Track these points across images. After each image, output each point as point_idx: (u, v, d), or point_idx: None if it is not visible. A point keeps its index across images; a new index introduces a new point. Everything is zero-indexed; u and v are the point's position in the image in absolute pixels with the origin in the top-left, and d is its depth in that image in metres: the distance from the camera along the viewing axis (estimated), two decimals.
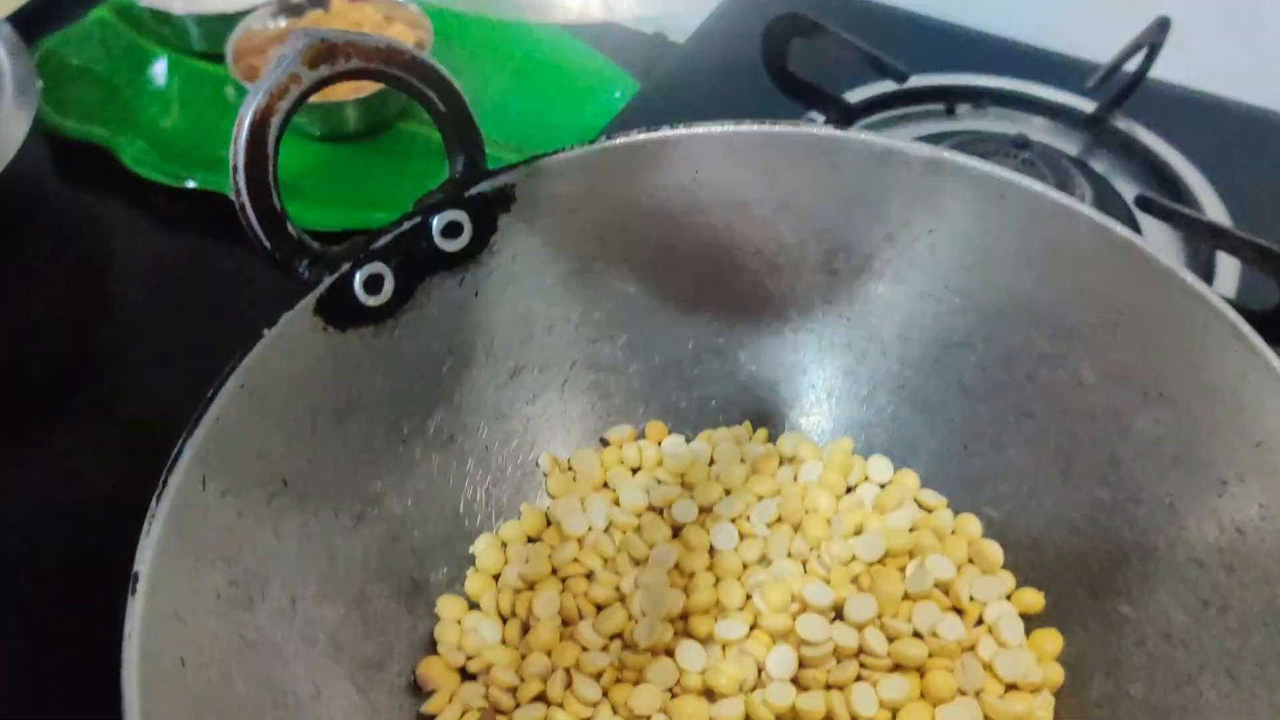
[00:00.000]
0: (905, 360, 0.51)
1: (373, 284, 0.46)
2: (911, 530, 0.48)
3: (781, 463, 0.51)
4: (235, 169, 0.43)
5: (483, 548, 0.49)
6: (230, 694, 0.39)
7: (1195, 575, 0.42)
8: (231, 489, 0.42)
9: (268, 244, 0.45)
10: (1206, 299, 0.43)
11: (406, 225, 0.46)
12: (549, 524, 0.50)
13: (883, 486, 0.50)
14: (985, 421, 0.49)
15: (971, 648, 0.45)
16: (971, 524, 0.49)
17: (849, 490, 0.51)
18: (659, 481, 0.51)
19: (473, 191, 0.47)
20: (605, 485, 0.51)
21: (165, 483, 0.39)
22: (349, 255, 0.45)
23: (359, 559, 0.46)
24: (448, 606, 0.47)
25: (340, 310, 0.45)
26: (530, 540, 0.50)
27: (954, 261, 0.49)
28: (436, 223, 0.47)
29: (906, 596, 0.46)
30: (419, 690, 0.45)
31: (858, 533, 0.48)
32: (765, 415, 0.53)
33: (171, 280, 0.68)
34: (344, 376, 0.46)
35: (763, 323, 0.52)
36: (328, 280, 0.44)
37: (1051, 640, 0.45)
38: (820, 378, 0.52)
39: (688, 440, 0.52)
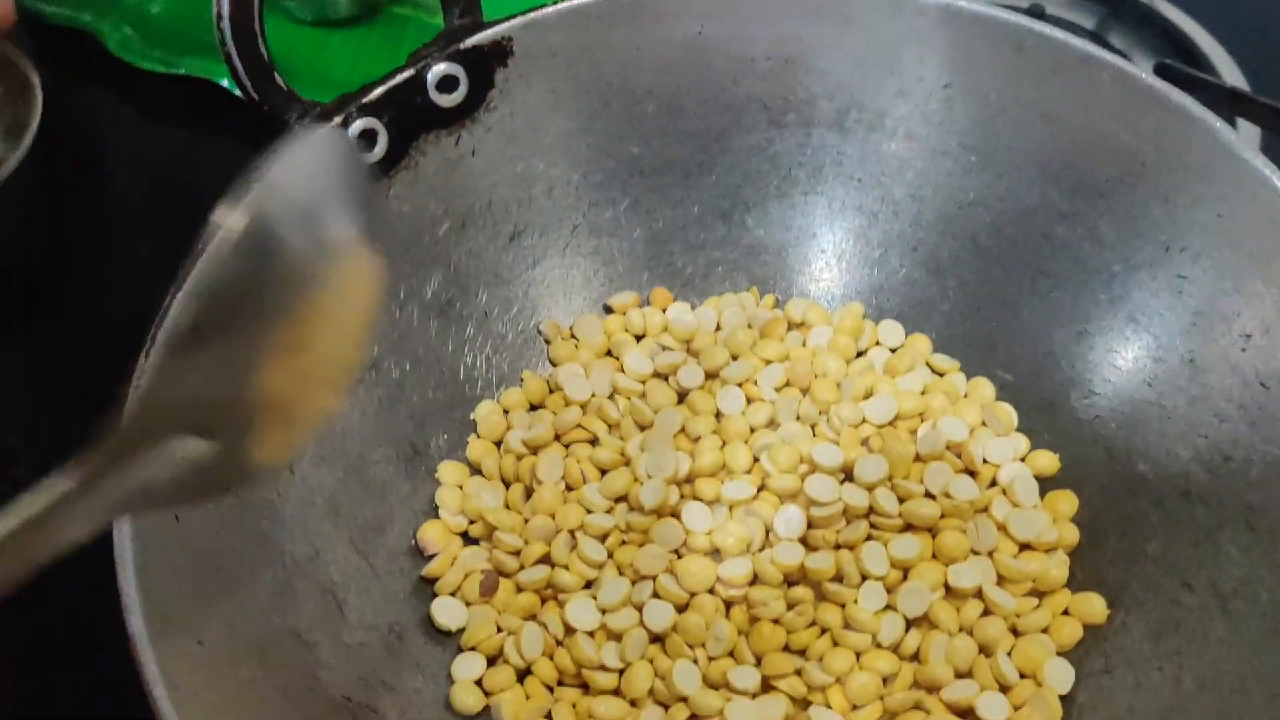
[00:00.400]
0: (918, 221, 0.49)
1: (365, 140, 0.44)
2: (923, 393, 0.47)
3: (790, 328, 0.50)
4: (219, 15, 0.42)
5: (484, 413, 0.48)
6: (227, 552, 0.38)
7: (1216, 431, 0.41)
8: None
9: (256, 95, 0.43)
10: (1234, 148, 0.41)
11: (399, 78, 0.44)
12: (551, 391, 0.49)
13: (894, 351, 0.49)
14: (1000, 282, 0.48)
15: (985, 509, 0.44)
16: (985, 387, 0.48)
17: (859, 355, 0.49)
18: (664, 348, 0.49)
19: (468, 44, 0.45)
20: (609, 353, 0.50)
21: (154, 336, 0.38)
22: (340, 109, 0.44)
23: (355, 423, 0.45)
24: (449, 471, 0.46)
25: None
26: (533, 407, 0.49)
27: (969, 117, 0.47)
28: (431, 77, 0.45)
29: (918, 458, 0.45)
30: (420, 554, 0.45)
31: (868, 397, 0.47)
32: (773, 281, 0.52)
33: (162, 173, 0.66)
34: None
35: (770, 185, 0.51)
36: None
37: (1067, 501, 0.44)
38: (830, 241, 0.51)
39: (693, 307, 0.51)
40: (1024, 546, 0.43)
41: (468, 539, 0.45)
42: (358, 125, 0.43)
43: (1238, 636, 0.37)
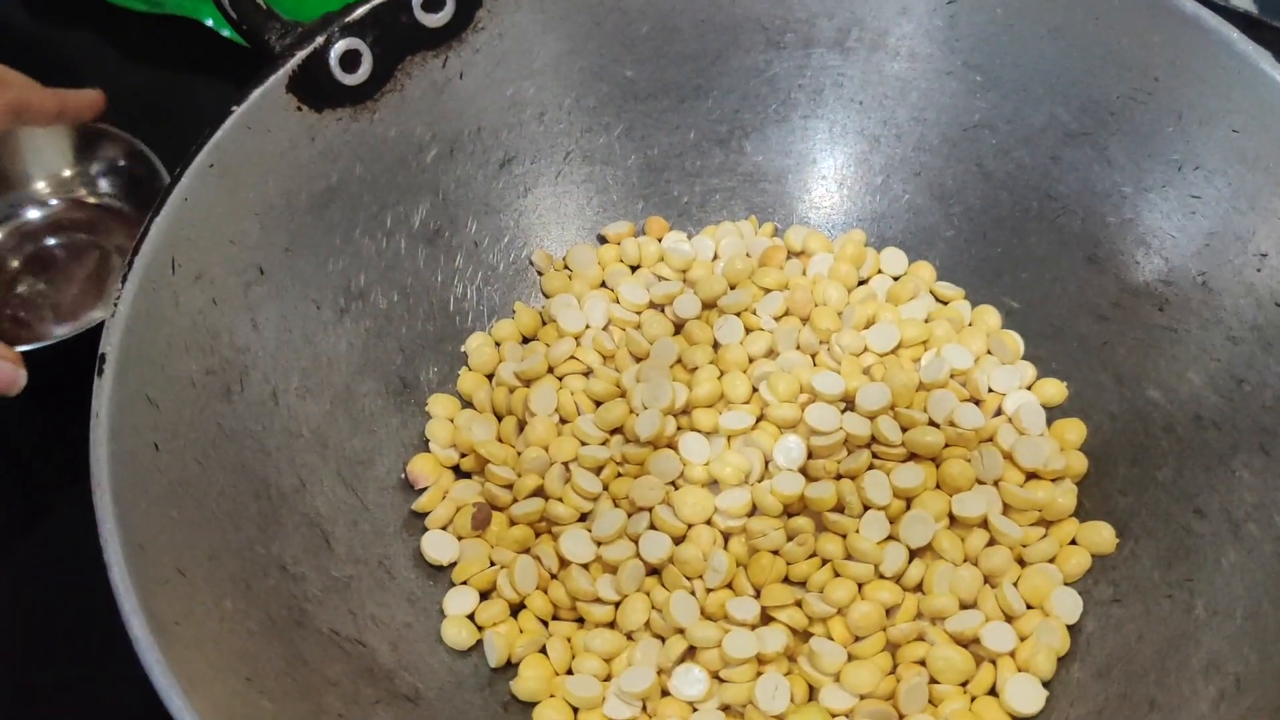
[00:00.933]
0: (921, 145, 0.48)
1: (349, 61, 0.42)
2: (927, 321, 0.46)
3: (789, 256, 0.48)
4: None
5: (475, 345, 0.47)
6: (208, 481, 0.37)
7: (1229, 355, 0.40)
8: (204, 274, 0.39)
9: (233, 11, 0.42)
10: (1251, 59, 0.40)
11: None
12: (544, 323, 0.48)
13: (896, 279, 0.48)
14: (1006, 207, 0.46)
15: (990, 438, 0.43)
16: (990, 315, 0.46)
17: (861, 283, 0.48)
18: (659, 278, 0.48)
19: None
20: (603, 284, 0.48)
21: (131, 264, 0.37)
22: (323, 29, 0.42)
23: (343, 354, 0.44)
24: (439, 404, 0.45)
25: (315, 88, 0.42)
26: (525, 340, 0.47)
27: (975, 34, 0.45)
28: None
29: (921, 386, 0.44)
30: (410, 488, 0.43)
31: (869, 325, 0.46)
32: (772, 209, 0.50)
33: (147, 115, 0.64)
34: (321, 161, 0.43)
35: (769, 109, 0.49)
36: (300, 55, 0.41)
37: (1075, 429, 0.43)
38: (830, 167, 0.49)
39: (689, 236, 0.49)
40: (1030, 475, 0.42)
41: (459, 473, 0.44)
42: (340, 46, 0.42)
43: (1251, 561, 0.36)
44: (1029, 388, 0.45)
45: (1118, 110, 0.43)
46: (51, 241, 0.54)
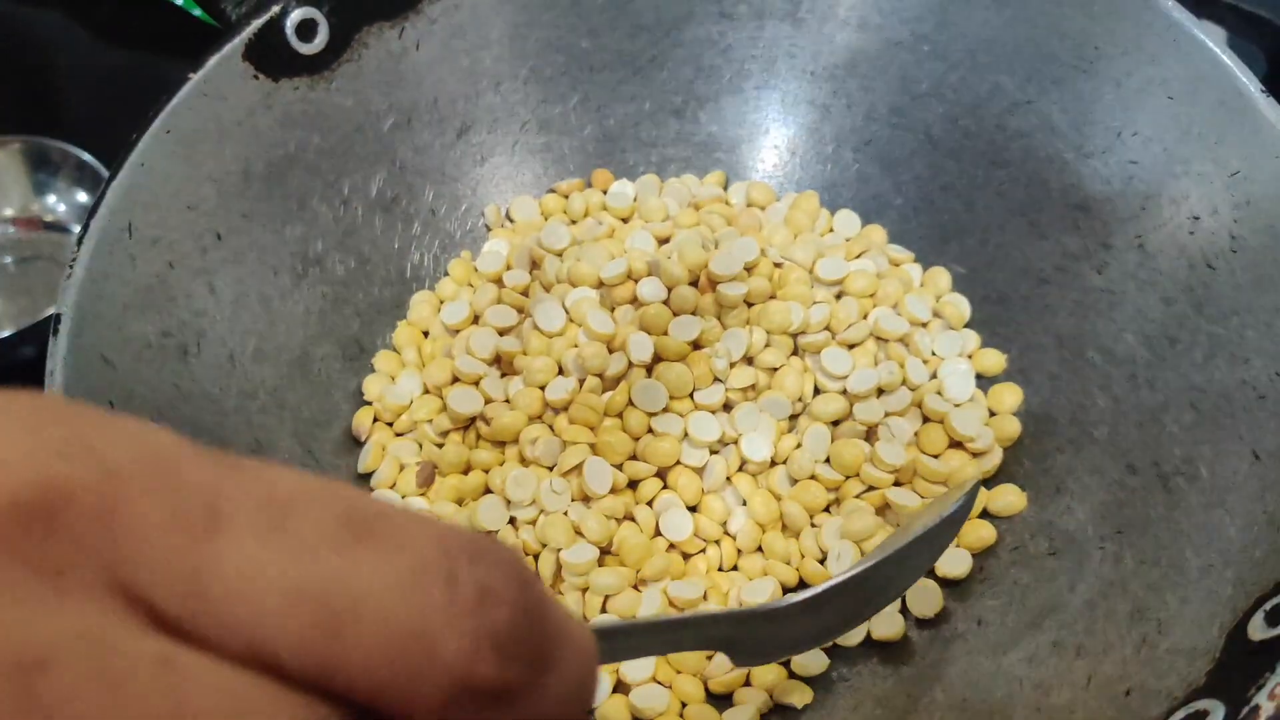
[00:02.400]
0: (871, 114, 0.49)
1: (305, 30, 0.43)
2: (879, 278, 0.47)
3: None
4: None
5: (416, 301, 0.47)
6: None
7: (1163, 314, 0.41)
8: (161, 238, 0.40)
9: None
10: (1185, 27, 0.41)
11: None
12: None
13: (848, 241, 0.48)
14: (953, 175, 0.47)
15: (919, 403, 0.44)
16: (941, 277, 0.47)
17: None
18: (598, 222, 0.48)
19: None
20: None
21: (87, 226, 0.38)
22: None
23: (300, 319, 0.44)
24: (383, 360, 0.46)
25: (271, 57, 0.43)
26: None
27: (923, 5, 0.46)
28: None
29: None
30: (359, 445, 0.44)
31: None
32: (726, 178, 0.51)
33: (116, 97, 0.65)
34: (278, 130, 0.44)
35: (723, 79, 0.50)
36: (256, 23, 0.42)
37: (1011, 394, 0.44)
38: (783, 136, 0.50)
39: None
40: (956, 444, 0.43)
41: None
42: (296, 15, 0.43)
43: (1177, 513, 0.37)
44: (970, 356, 0.45)
45: (1060, 79, 0.44)
46: (6, 259, 0.55)
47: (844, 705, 0.38)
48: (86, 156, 0.55)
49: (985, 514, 0.42)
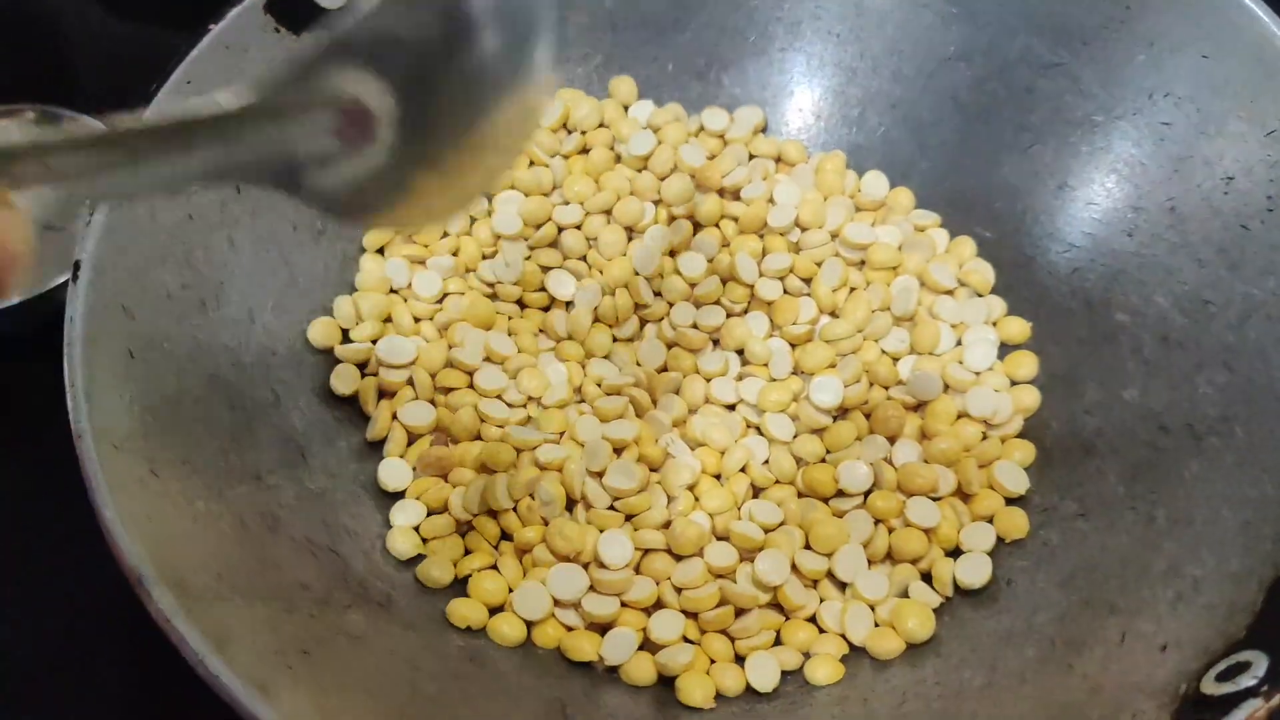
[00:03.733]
0: (897, 77, 0.48)
1: None
2: (899, 249, 0.46)
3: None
4: None
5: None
6: (183, 391, 0.37)
7: (1196, 276, 0.40)
8: None
9: None
10: None
11: None
12: None
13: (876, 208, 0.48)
14: (981, 139, 0.47)
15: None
16: (966, 246, 0.46)
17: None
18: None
19: None
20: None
21: None
22: None
23: (319, 275, 0.44)
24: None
25: (293, 10, 0.42)
26: None
27: None
28: None
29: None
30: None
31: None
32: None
33: (129, 67, 0.64)
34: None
35: (747, 41, 0.49)
36: None
37: (1027, 363, 0.43)
38: (808, 100, 0.50)
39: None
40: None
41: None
42: None
43: (1212, 472, 0.36)
44: (995, 324, 0.45)
45: (1090, 39, 0.44)
46: None
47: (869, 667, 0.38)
48: (100, 126, 0.55)
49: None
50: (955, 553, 0.40)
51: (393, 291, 0.45)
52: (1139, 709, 0.30)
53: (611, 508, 0.40)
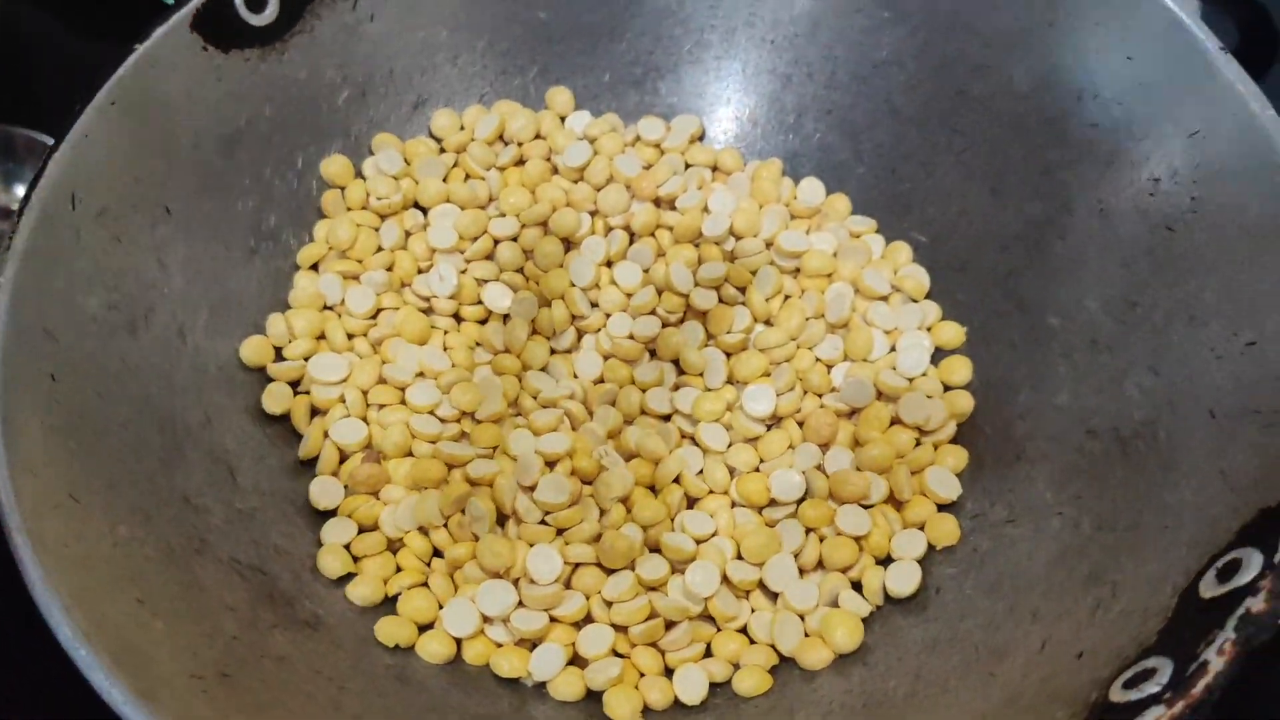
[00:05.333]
0: (832, 83, 0.48)
1: (256, 1, 0.43)
2: (834, 255, 0.46)
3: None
4: None
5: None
6: (110, 414, 0.37)
7: (1123, 279, 0.40)
8: (107, 211, 0.39)
9: None
10: None
11: None
12: None
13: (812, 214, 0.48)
14: (915, 143, 0.47)
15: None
16: (901, 252, 0.46)
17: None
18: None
19: None
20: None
21: (29, 198, 0.37)
22: None
23: (253, 294, 0.44)
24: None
25: (221, 28, 0.42)
26: None
27: None
28: None
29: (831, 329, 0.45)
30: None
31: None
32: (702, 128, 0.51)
33: (84, 85, 0.64)
34: (229, 102, 0.43)
35: (683, 50, 0.49)
36: None
37: (961, 368, 0.43)
38: (745, 107, 0.50)
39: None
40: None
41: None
42: None
43: (1136, 476, 0.36)
44: (929, 329, 0.45)
45: (1020, 42, 0.44)
46: None
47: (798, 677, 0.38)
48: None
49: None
50: (887, 560, 0.40)
51: (327, 308, 0.45)
52: (1053, 718, 0.30)
53: (543, 522, 0.40)
